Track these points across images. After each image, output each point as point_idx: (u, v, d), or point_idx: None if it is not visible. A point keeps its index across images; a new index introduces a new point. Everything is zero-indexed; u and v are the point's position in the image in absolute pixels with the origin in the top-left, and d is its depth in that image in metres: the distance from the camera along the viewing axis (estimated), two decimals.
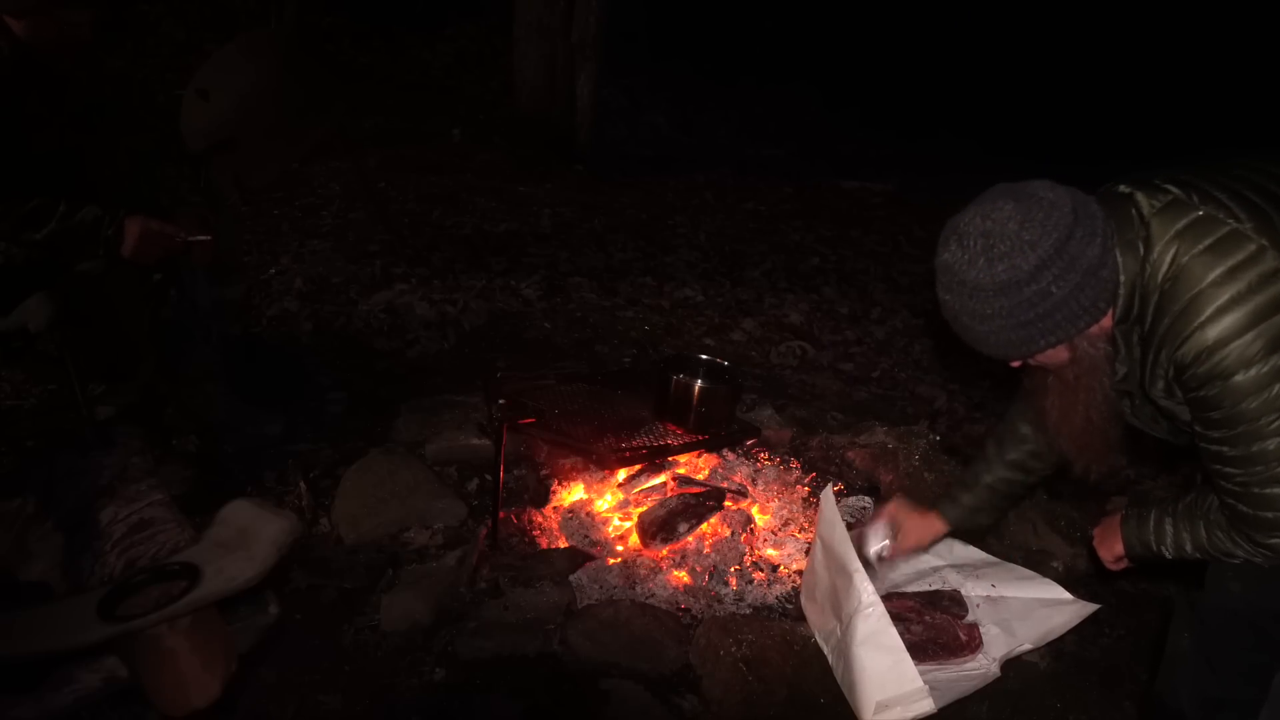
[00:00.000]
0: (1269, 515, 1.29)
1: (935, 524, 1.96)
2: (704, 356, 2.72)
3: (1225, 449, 1.29)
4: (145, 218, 2.17)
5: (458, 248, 4.37)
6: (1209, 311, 1.23)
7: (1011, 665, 1.94)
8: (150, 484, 1.95)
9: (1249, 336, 1.21)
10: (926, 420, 2.92)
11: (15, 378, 2.83)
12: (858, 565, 1.83)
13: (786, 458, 2.69)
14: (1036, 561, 2.24)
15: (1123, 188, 1.36)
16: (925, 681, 1.74)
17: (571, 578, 2.15)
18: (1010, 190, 1.28)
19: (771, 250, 4.83)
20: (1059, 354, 1.36)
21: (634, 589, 2.15)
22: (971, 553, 2.21)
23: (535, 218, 4.94)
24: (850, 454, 2.70)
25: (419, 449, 2.61)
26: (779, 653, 1.93)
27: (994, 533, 2.32)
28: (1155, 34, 8.73)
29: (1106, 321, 1.34)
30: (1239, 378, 1.22)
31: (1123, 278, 1.30)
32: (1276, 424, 1.23)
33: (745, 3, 9.05)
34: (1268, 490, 1.27)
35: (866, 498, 2.50)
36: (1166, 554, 1.49)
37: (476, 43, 7.51)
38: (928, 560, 2.18)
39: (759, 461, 2.65)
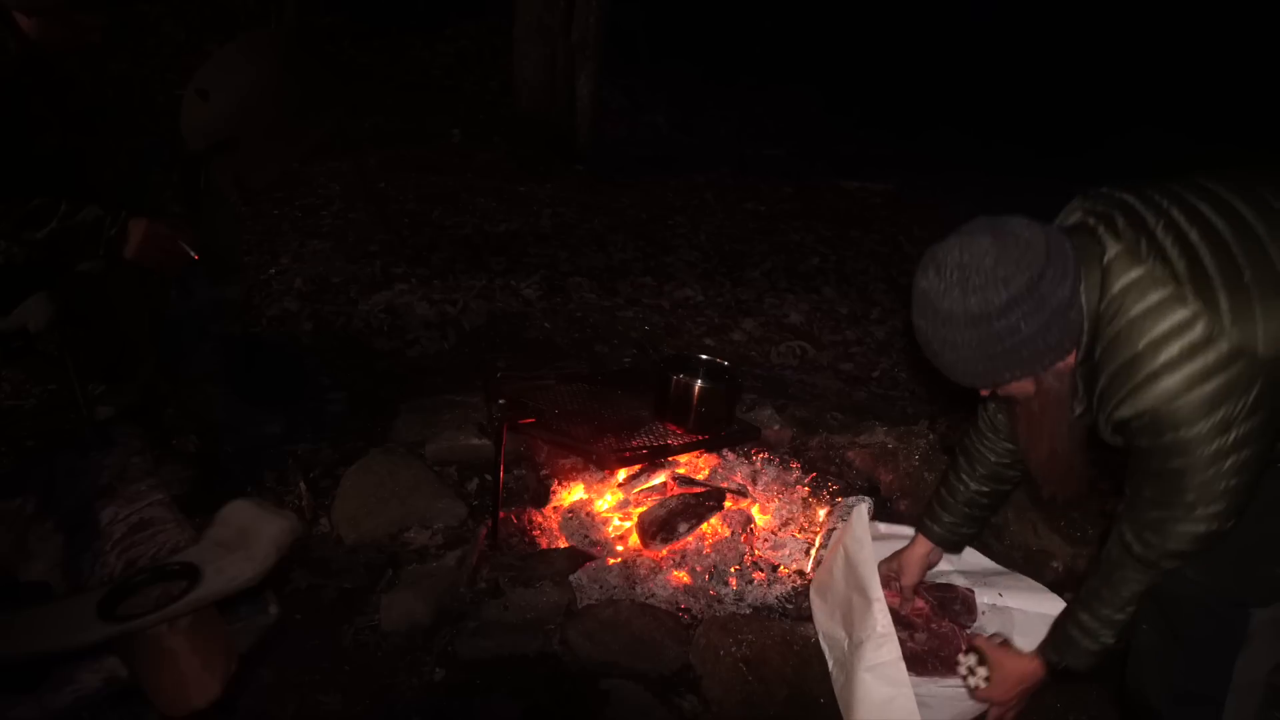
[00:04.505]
0: (1171, 547, 1.42)
1: (923, 544, 1.98)
2: (704, 356, 2.72)
3: (1146, 491, 1.42)
4: (151, 220, 2.18)
5: (458, 248, 4.37)
6: (1140, 378, 1.30)
7: None
8: (150, 484, 1.95)
9: (1182, 401, 1.27)
10: (926, 420, 2.92)
11: (15, 378, 2.83)
12: (879, 594, 1.83)
13: (786, 458, 2.68)
14: (1037, 562, 2.24)
15: (1091, 220, 1.39)
16: (921, 696, 1.74)
17: (571, 578, 2.15)
18: (990, 225, 1.32)
19: (771, 250, 4.83)
20: (1024, 386, 1.43)
21: (634, 589, 2.15)
22: (980, 560, 2.18)
23: (535, 218, 4.94)
24: (850, 454, 2.70)
25: (419, 449, 2.61)
26: (779, 653, 1.93)
27: (994, 533, 2.32)
28: (1153, 31, 8.73)
29: (1071, 359, 1.40)
30: (1167, 438, 1.31)
31: (1086, 309, 1.34)
32: (1197, 480, 1.33)
33: (745, 3, 9.06)
34: (1177, 528, 1.39)
35: (866, 498, 2.50)
36: (1108, 641, 1.55)
37: (476, 43, 7.51)
38: (937, 566, 2.17)
39: (758, 461, 2.65)
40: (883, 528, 2.29)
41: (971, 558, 2.18)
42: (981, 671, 1.74)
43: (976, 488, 1.88)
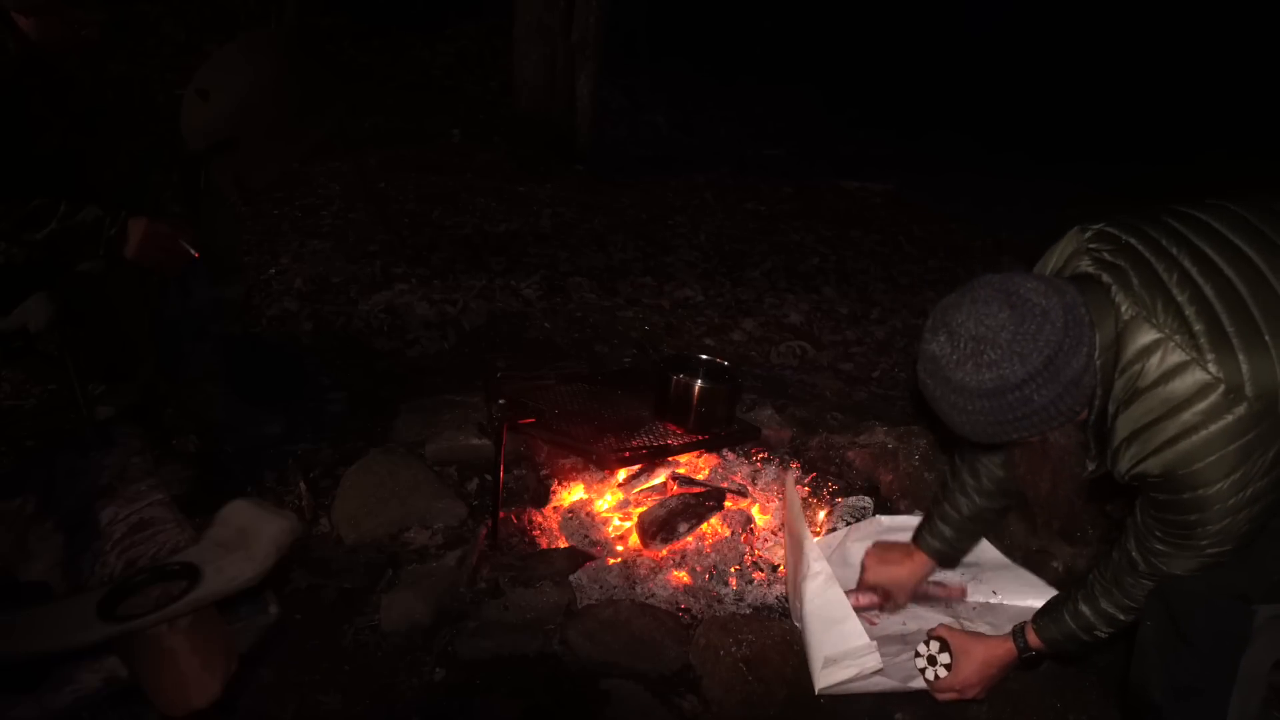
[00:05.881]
0: (1176, 572, 1.48)
1: (921, 562, 1.98)
2: (704, 356, 2.72)
3: (1158, 530, 1.46)
4: (150, 220, 2.18)
5: (458, 248, 4.37)
6: (1159, 441, 1.32)
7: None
8: (150, 484, 1.95)
9: (1202, 464, 1.29)
10: (926, 420, 2.92)
11: (15, 378, 2.83)
12: (808, 534, 1.90)
13: (786, 458, 2.68)
14: (1037, 562, 2.24)
15: (1104, 276, 1.38)
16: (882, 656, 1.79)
17: (571, 578, 2.15)
18: (1005, 292, 1.29)
19: (771, 250, 4.83)
20: (1030, 439, 1.42)
21: (634, 589, 2.15)
22: (982, 549, 2.16)
23: (535, 218, 4.94)
24: (850, 454, 2.70)
25: (419, 449, 2.61)
26: (779, 653, 1.93)
27: (994, 533, 2.31)
28: (1153, 31, 8.73)
29: (1082, 415, 1.40)
30: (1186, 496, 1.34)
31: (1099, 372, 1.34)
32: (1212, 530, 1.37)
33: (745, 3, 9.06)
34: (1185, 562, 1.45)
35: (866, 498, 2.50)
36: (1102, 635, 1.60)
37: (476, 43, 7.50)
38: None
39: (758, 461, 2.65)
40: (885, 520, 2.28)
41: (978, 547, 2.16)
42: (943, 658, 1.74)
43: (984, 504, 1.86)
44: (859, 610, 1.94)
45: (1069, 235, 1.49)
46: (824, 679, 1.80)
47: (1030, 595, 2.05)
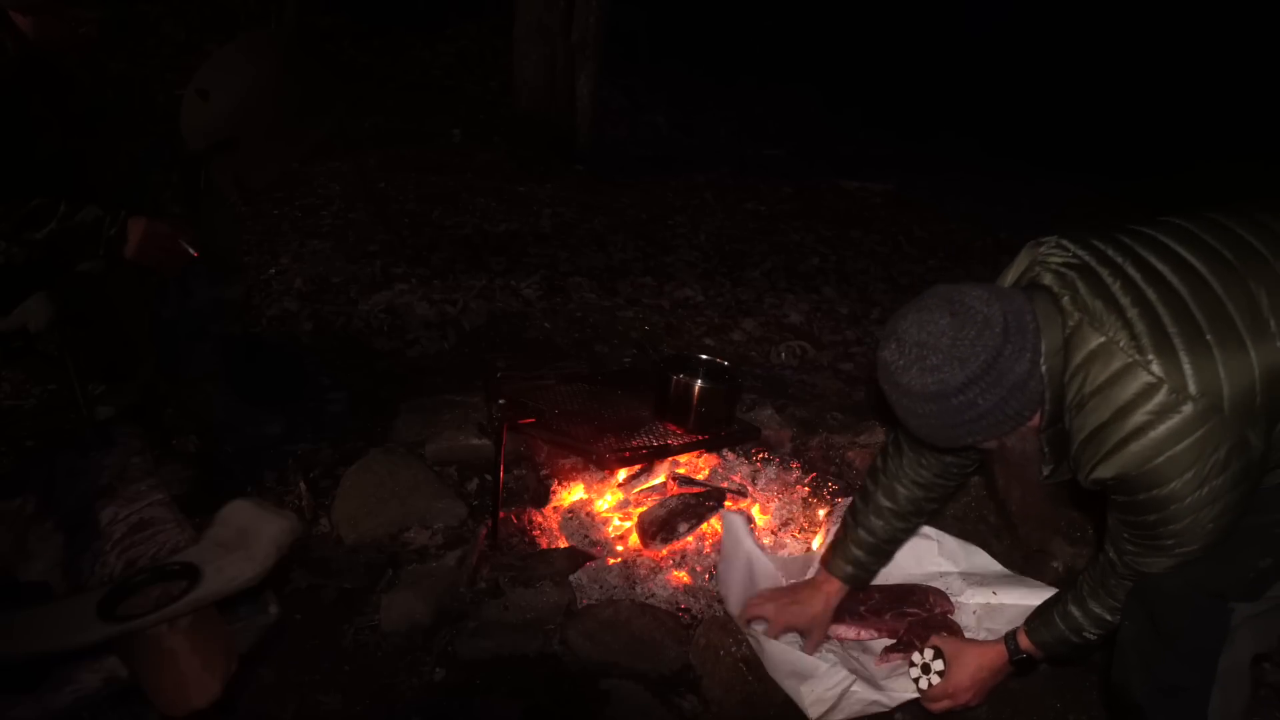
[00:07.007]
0: (1152, 571, 1.48)
1: (833, 589, 1.92)
2: (704, 356, 2.72)
3: (1125, 533, 1.47)
4: (150, 219, 2.18)
5: (458, 248, 4.37)
6: (1110, 444, 1.32)
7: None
8: (150, 484, 1.95)
9: (1153, 465, 1.30)
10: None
11: (15, 378, 2.83)
12: (759, 553, 1.99)
13: (786, 458, 2.68)
14: (1036, 562, 2.24)
15: (1055, 286, 1.39)
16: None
17: (571, 578, 2.15)
18: (949, 301, 1.33)
19: (771, 250, 4.83)
20: (988, 443, 1.44)
21: (634, 589, 2.15)
22: (985, 562, 2.15)
23: (535, 218, 4.94)
24: (850, 454, 2.70)
25: (419, 449, 2.61)
26: None
27: (994, 533, 2.31)
28: (1154, 37, 8.73)
29: (1034, 421, 1.42)
30: (1142, 497, 1.35)
31: (1048, 378, 1.35)
32: (1175, 529, 1.37)
33: (745, 3, 9.06)
34: (1157, 561, 1.45)
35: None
36: (1091, 637, 1.60)
37: (476, 43, 7.51)
38: (939, 564, 2.14)
39: (758, 461, 2.65)
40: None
41: (979, 560, 2.15)
42: (937, 665, 1.74)
43: (899, 525, 1.86)
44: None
45: (1024, 249, 1.51)
46: (814, 711, 1.78)
47: (1030, 597, 2.03)
